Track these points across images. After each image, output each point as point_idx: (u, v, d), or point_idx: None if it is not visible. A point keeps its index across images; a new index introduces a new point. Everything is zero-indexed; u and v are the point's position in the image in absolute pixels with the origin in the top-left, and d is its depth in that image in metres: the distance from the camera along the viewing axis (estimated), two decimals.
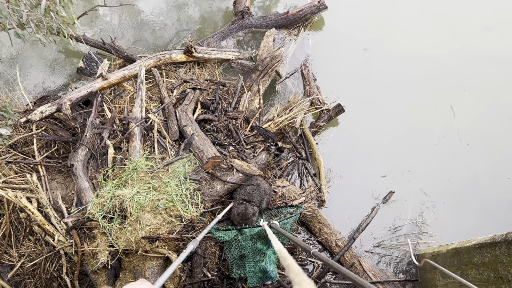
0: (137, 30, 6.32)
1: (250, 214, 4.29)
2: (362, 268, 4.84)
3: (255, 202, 4.45)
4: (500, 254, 3.42)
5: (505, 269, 3.36)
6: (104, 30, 6.20)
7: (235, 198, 4.59)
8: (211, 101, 5.23)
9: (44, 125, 4.79)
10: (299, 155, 5.44)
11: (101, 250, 3.95)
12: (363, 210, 5.39)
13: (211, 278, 4.30)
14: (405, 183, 5.55)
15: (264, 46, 5.81)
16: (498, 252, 3.44)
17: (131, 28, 6.29)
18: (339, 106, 5.53)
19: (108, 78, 4.93)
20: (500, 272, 3.41)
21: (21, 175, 4.59)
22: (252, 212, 4.31)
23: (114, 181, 4.28)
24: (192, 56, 5.61)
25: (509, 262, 3.31)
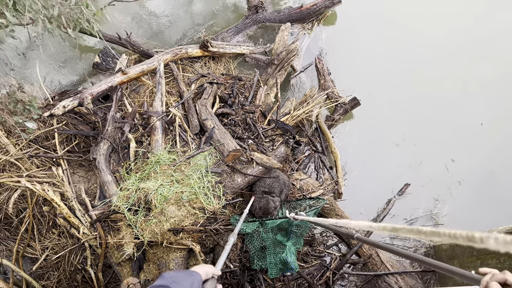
0: (151, 25, 6.34)
1: (271, 208, 4.35)
2: (379, 259, 4.91)
3: (276, 193, 4.50)
4: None
5: None
6: (114, 25, 6.21)
7: (255, 191, 4.64)
8: (229, 95, 5.28)
9: (64, 120, 4.84)
10: (315, 148, 5.49)
11: (127, 242, 4.01)
12: (379, 202, 5.46)
13: (233, 269, 4.36)
14: (420, 176, 5.60)
15: (279, 40, 5.85)
16: None
17: (144, 23, 6.32)
18: (355, 100, 5.58)
19: (127, 72, 4.98)
20: None
21: (42, 169, 4.65)
22: (273, 206, 4.36)
23: (137, 174, 4.34)
24: (207, 50, 5.65)
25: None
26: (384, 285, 4.77)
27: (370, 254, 4.91)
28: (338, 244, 5.14)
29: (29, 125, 3.79)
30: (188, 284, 1.42)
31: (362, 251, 4.97)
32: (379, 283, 4.82)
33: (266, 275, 4.46)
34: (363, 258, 4.95)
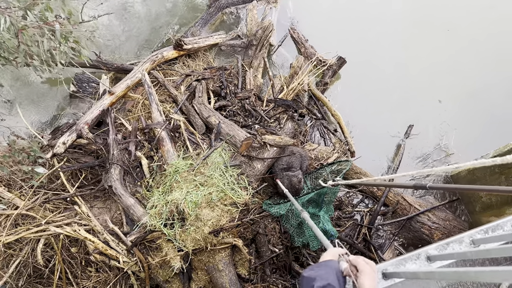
0: (115, 40, 6.11)
1: (296, 183, 4.36)
2: (407, 202, 5.06)
3: (295, 167, 4.52)
4: None
5: None
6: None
7: (275, 173, 4.64)
8: (220, 87, 5.21)
9: (65, 156, 4.65)
10: (316, 116, 5.53)
11: (172, 257, 3.96)
12: (389, 150, 5.58)
13: (278, 252, 4.39)
14: (420, 113, 5.76)
15: (251, 20, 5.79)
16: None
17: (109, 40, 6.09)
18: (341, 59, 5.63)
19: (114, 92, 4.81)
20: None
21: (58, 212, 4.48)
22: (297, 180, 4.37)
23: (159, 189, 4.25)
24: (182, 49, 5.53)
25: None
26: (418, 225, 4.93)
27: (397, 201, 5.05)
28: (364, 200, 5.24)
29: (39, 170, 3.64)
30: (333, 277, 1.44)
31: (388, 200, 5.10)
32: (413, 224, 4.98)
33: (309, 249, 4.51)
34: (391, 206, 5.08)
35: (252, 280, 4.33)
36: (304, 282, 1.47)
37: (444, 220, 4.89)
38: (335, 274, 1.45)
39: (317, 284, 1.39)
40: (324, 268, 1.49)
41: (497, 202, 4.50)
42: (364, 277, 1.40)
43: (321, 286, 1.39)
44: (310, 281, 1.44)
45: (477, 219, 4.94)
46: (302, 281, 1.50)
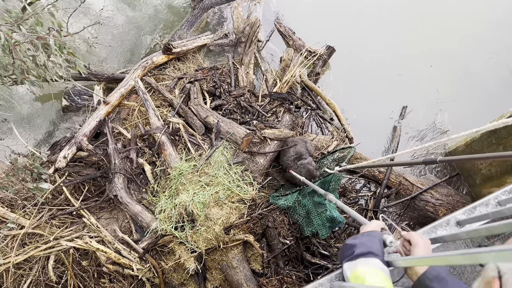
0: (101, 52, 6.06)
1: (313, 170, 4.38)
2: (409, 182, 5.13)
3: (305, 154, 4.54)
4: None
5: None
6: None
7: (286, 165, 4.62)
8: (214, 87, 5.22)
9: (65, 171, 4.62)
10: (311, 106, 5.57)
11: (186, 259, 3.96)
12: (386, 133, 5.65)
13: (289, 244, 4.43)
14: (413, 93, 5.85)
15: (236, 17, 5.81)
16: None
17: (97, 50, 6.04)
18: (329, 48, 5.68)
19: (109, 101, 4.80)
20: None
21: (65, 227, 4.45)
22: (313, 167, 4.39)
23: (165, 193, 4.26)
24: (172, 53, 5.52)
25: None
26: (422, 204, 5.01)
27: (399, 182, 5.12)
28: (366, 184, 5.31)
29: (44, 186, 3.61)
30: (376, 246, 1.44)
31: (391, 182, 5.16)
32: (417, 203, 5.05)
33: (319, 238, 4.56)
34: (394, 187, 5.15)
35: (266, 274, 4.36)
36: (346, 248, 1.47)
37: (447, 196, 4.97)
38: (378, 244, 1.45)
39: (358, 251, 1.40)
40: (367, 237, 1.49)
41: (497, 173, 4.59)
42: (419, 250, 1.39)
43: (361, 252, 1.39)
44: (351, 247, 1.45)
45: (478, 191, 5.04)
46: (344, 248, 1.50)
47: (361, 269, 1.35)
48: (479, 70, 6.05)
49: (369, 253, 1.39)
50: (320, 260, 4.50)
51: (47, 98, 5.69)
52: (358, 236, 1.52)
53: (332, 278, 1.50)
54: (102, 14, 6.16)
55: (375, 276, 1.31)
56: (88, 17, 6.08)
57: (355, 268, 1.37)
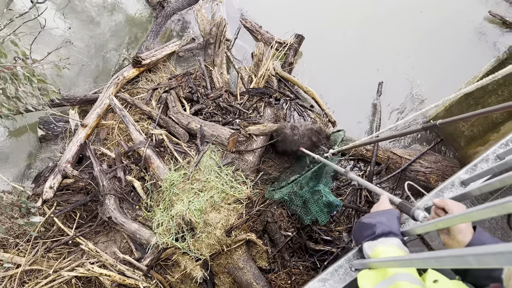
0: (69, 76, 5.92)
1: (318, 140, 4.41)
2: (397, 155, 5.20)
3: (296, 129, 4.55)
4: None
5: None
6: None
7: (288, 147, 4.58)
8: (191, 92, 5.16)
9: (54, 201, 4.50)
10: (289, 97, 5.58)
11: (192, 269, 3.92)
12: (367, 111, 5.71)
13: (291, 236, 4.43)
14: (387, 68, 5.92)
15: (201, 20, 5.77)
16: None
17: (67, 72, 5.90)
18: (298, 36, 5.69)
19: (87, 124, 4.69)
20: None
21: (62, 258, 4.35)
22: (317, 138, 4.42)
23: (160, 206, 4.20)
24: (142, 65, 5.45)
25: None
26: (413, 174, 5.09)
27: (387, 156, 5.18)
28: (356, 165, 5.36)
29: (35, 220, 3.52)
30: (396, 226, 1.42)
31: (379, 158, 5.22)
32: (407, 174, 5.13)
33: (319, 225, 4.58)
34: (384, 163, 5.21)
35: (274, 269, 4.35)
36: (364, 228, 1.44)
37: (435, 163, 5.06)
38: (397, 223, 1.43)
39: (378, 231, 1.38)
40: (386, 215, 1.46)
41: (479, 132, 4.70)
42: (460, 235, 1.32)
43: (381, 232, 1.37)
44: (370, 227, 1.42)
45: (464, 153, 5.14)
46: (360, 227, 1.46)
47: (381, 248, 1.34)
48: (447, 36, 6.17)
49: (389, 233, 1.37)
50: (324, 246, 4.52)
51: (22, 131, 5.53)
52: (376, 214, 1.49)
53: (350, 258, 1.50)
54: (65, 36, 6.01)
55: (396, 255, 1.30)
56: (51, 41, 5.93)
57: (376, 247, 1.36)
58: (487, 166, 1.68)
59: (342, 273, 1.46)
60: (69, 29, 5.84)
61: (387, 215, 1.46)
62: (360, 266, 1.39)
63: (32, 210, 3.73)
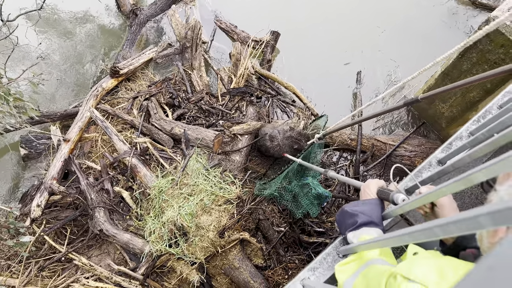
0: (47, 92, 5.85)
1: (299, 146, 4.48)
2: (381, 142, 5.27)
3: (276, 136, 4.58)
4: (483, 46, 3.93)
5: (494, 54, 3.89)
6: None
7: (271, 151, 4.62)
8: (172, 98, 5.15)
9: (43, 219, 4.45)
10: (270, 94, 5.61)
11: (188, 273, 3.92)
12: (348, 101, 5.78)
13: (284, 231, 4.46)
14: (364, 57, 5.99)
15: (176, 25, 5.75)
16: (481, 46, 3.95)
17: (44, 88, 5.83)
18: (274, 33, 5.72)
19: (69, 138, 4.65)
20: (491, 59, 3.94)
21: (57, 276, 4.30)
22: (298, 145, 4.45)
23: (150, 215, 4.18)
24: (120, 75, 5.41)
25: (495, 46, 3.83)
26: (398, 159, 5.17)
27: (372, 144, 5.25)
28: (342, 155, 5.41)
29: (25, 239, 3.48)
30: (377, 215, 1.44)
31: (364, 146, 5.28)
32: (393, 160, 5.20)
33: (311, 218, 4.62)
34: (369, 151, 5.27)
35: (270, 266, 4.38)
36: (346, 216, 1.47)
37: (419, 146, 5.15)
38: (379, 212, 1.45)
39: (360, 220, 1.41)
40: (368, 206, 1.48)
41: (458, 112, 4.79)
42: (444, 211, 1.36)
43: (363, 222, 1.40)
44: (353, 216, 1.45)
45: (446, 134, 5.24)
46: (343, 216, 1.49)
47: (365, 237, 1.37)
48: (421, 19, 6.27)
49: (370, 222, 1.41)
50: (318, 238, 4.56)
51: (3, 152, 5.45)
52: (358, 203, 1.52)
53: (337, 245, 1.53)
54: (38, 53, 5.94)
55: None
56: (26, 58, 5.86)
57: (361, 235, 1.39)
58: (461, 143, 1.73)
59: (331, 260, 1.50)
60: (40, 44, 5.75)
61: (370, 205, 1.48)
62: (346, 252, 1.43)
63: (21, 230, 3.69)
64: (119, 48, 6.02)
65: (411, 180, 1.72)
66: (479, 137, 1.46)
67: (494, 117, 1.60)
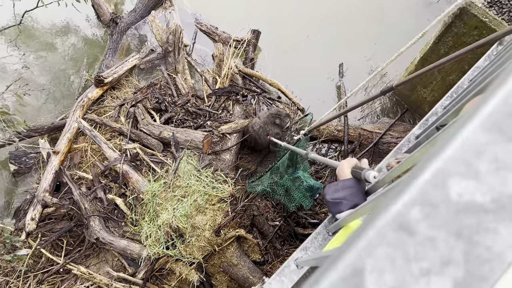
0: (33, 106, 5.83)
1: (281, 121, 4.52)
2: (368, 131, 5.37)
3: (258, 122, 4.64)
4: (458, 29, 4.05)
5: (469, 36, 4.00)
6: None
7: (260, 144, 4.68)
8: (158, 102, 5.18)
9: (38, 232, 4.45)
10: (256, 92, 5.67)
11: (187, 273, 3.96)
12: (333, 94, 5.87)
13: (280, 225, 4.53)
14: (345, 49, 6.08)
15: (156, 30, 5.78)
16: (456, 29, 4.07)
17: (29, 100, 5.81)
18: (255, 31, 5.79)
19: (58, 150, 4.66)
20: (467, 41, 4.06)
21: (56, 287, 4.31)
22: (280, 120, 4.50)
23: (145, 219, 4.21)
24: (105, 84, 5.41)
25: (469, 28, 3.94)
26: (385, 146, 5.27)
27: (358, 133, 5.34)
28: (331, 147, 5.50)
29: (22, 252, 3.49)
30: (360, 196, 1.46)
31: (351, 136, 5.37)
32: (380, 147, 5.30)
33: (304, 210, 4.69)
34: (356, 140, 5.37)
35: (268, 260, 4.44)
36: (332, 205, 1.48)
37: (405, 132, 5.26)
38: (360, 194, 1.46)
39: (346, 208, 1.43)
40: (349, 190, 1.47)
41: (440, 95, 4.89)
42: None
43: (349, 208, 1.43)
44: (337, 204, 1.46)
45: None
46: (329, 204, 1.50)
47: None
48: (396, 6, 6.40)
49: (355, 205, 1.43)
50: (312, 229, 4.62)
51: None
52: (338, 189, 1.51)
53: (326, 224, 1.60)
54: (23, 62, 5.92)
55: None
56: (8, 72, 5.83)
57: None
58: (436, 118, 1.81)
59: (321, 239, 1.56)
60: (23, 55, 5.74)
61: (350, 189, 1.48)
62: (335, 229, 1.50)
63: (17, 244, 3.69)
64: (102, 57, 6.02)
65: (392, 156, 1.80)
66: (450, 109, 1.54)
67: (464, 91, 1.69)
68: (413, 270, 0.26)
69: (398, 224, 0.26)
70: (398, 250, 0.26)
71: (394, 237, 0.26)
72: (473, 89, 1.31)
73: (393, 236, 0.26)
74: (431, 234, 0.26)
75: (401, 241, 0.26)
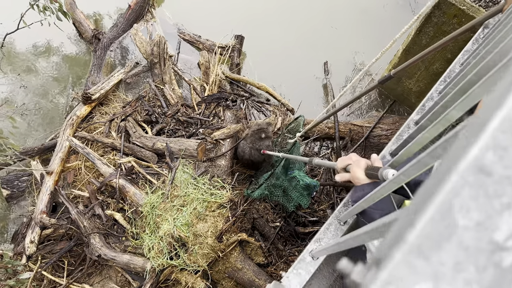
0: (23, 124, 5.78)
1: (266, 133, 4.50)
2: (358, 126, 5.45)
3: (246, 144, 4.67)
4: (437, 19, 4.15)
5: (448, 25, 4.11)
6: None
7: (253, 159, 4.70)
8: (148, 115, 5.18)
9: (38, 255, 4.40)
10: (244, 96, 5.71)
11: (193, 282, 3.96)
12: (320, 93, 5.94)
13: (280, 226, 4.56)
14: (328, 48, 6.17)
15: (140, 42, 5.78)
16: (436, 19, 4.17)
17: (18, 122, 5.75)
18: (238, 37, 5.84)
19: (52, 170, 4.61)
20: (447, 30, 4.16)
21: None
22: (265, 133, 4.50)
23: (146, 232, 4.20)
24: (92, 100, 5.39)
25: (448, 17, 4.05)
26: (376, 139, 5.35)
27: (349, 129, 5.42)
28: (323, 144, 5.56)
29: (25, 276, 3.45)
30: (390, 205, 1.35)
31: (342, 132, 5.45)
32: (371, 141, 5.39)
33: (303, 209, 4.74)
34: (347, 136, 5.44)
35: (271, 262, 4.47)
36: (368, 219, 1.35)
37: (394, 123, 5.36)
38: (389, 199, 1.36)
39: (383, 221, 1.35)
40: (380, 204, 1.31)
41: (425, 86, 5.01)
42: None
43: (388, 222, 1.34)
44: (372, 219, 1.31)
45: None
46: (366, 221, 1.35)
47: None
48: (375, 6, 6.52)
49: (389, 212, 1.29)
50: (313, 227, 4.68)
51: None
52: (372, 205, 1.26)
53: (337, 214, 1.63)
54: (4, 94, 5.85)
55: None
56: None
57: None
58: (432, 103, 1.87)
59: (333, 229, 1.59)
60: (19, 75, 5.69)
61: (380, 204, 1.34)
62: (346, 218, 1.53)
63: (18, 268, 3.65)
64: (87, 74, 5.99)
65: (394, 143, 1.85)
66: (447, 92, 1.60)
67: (457, 74, 1.76)
68: (495, 205, 0.31)
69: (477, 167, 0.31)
70: (479, 190, 0.31)
71: (474, 179, 0.31)
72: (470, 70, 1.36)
73: (473, 178, 0.31)
74: (506, 173, 0.30)
75: (481, 181, 0.31)
